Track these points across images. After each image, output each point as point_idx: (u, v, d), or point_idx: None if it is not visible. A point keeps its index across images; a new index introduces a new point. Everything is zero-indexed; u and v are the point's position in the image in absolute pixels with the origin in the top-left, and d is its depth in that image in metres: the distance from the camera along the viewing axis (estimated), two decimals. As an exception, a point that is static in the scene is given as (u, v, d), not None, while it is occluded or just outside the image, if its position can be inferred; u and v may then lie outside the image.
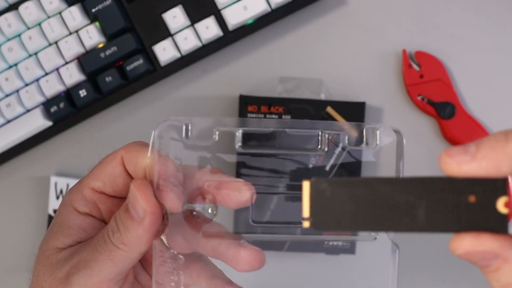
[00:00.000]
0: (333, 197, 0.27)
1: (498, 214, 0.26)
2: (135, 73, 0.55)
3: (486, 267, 0.26)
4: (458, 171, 0.26)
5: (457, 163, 0.26)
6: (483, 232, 0.26)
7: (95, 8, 0.55)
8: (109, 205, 0.38)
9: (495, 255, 0.25)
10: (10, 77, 0.56)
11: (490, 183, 0.26)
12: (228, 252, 0.39)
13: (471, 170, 0.25)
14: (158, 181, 0.36)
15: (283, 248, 0.54)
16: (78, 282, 0.37)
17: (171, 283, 0.38)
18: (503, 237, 0.26)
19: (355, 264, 0.57)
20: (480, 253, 0.26)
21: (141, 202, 0.35)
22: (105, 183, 0.38)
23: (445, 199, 0.26)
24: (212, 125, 0.38)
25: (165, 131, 0.37)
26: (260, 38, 0.58)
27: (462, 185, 0.26)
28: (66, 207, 0.39)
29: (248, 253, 0.39)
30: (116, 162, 0.37)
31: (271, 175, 0.42)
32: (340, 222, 0.27)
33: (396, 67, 0.57)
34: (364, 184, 0.27)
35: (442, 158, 0.26)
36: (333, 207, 0.27)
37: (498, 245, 0.25)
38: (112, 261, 0.36)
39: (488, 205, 0.26)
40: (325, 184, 0.27)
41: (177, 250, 0.38)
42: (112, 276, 0.37)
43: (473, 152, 0.25)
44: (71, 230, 0.38)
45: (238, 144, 0.38)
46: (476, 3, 0.57)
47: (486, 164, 0.25)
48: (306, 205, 0.27)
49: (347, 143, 0.40)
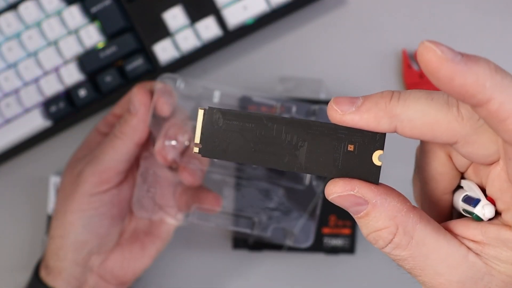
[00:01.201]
0: (224, 127, 0.28)
1: (372, 165, 0.28)
2: (135, 73, 0.55)
3: (357, 212, 0.28)
4: (341, 119, 0.27)
5: (342, 112, 0.27)
6: (356, 179, 0.28)
7: (95, 8, 0.55)
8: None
9: (365, 201, 0.27)
10: (10, 77, 0.56)
11: (369, 135, 0.27)
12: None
13: (353, 120, 0.27)
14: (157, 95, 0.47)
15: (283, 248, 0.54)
16: (87, 171, 0.47)
17: (148, 193, 0.49)
18: (374, 186, 0.28)
19: (355, 264, 0.57)
20: (352, 197, 0.27)
21: (138, 96, 0.47)
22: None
23: (326, 144, 0.28)
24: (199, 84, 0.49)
25: (165, 80, 0.48)
26: (260, 38, 0.58)
27: (343, 133, 0.28)
28: (92, 131, 0.51)
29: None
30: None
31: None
32: (226, 151, 0.28)
33: (396, 67, 0.57)
34: (254, 118, 0.28)
35: (330, 104, 0.27)
36: (223, 137, 0.28)
37: (369, 191, 0.27)
38: (113, 148, 0.47)
39: (365, 156, 0.28)
40: (218, 114, 0.28)
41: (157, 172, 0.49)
42: (113, 164, 0.47)
43: (358, 104, 0.27)
44: (92, 145, 0.50)
45: (215, 100, 0.49)
46: (476, 3, 0.57)
47: (368, 117, 0.27)
48: (198, 132, 0.28)
49: (296, 114, 0.48)
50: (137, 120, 0.47)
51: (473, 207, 0.28)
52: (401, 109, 0.26)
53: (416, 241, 0.27)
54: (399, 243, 0.28)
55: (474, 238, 0.28)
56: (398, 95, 0.26)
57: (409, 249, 0.27)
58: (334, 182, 0.28)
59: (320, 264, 0.57)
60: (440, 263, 0.27)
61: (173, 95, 0.48)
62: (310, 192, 0.50)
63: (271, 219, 0.51)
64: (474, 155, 0.27)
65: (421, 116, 0.26)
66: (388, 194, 0.27)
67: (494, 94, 0.24)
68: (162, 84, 0.47)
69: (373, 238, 0.28)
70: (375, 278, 0.57)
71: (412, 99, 0.26)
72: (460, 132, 0.26)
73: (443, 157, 0.30)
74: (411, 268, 0.28)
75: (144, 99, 0.47)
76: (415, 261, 0.28)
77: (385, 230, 0.27)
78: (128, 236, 0.51)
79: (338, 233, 0.54)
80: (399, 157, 0.45)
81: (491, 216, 0.28)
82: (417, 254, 0.27)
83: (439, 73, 0.24)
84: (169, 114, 0.47)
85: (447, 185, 0.30)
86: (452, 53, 0.24)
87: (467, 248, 0.28)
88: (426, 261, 0.27)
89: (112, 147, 0.47)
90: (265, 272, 0.58)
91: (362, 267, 0.57)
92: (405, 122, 0.26)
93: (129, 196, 0.50)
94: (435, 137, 0.26)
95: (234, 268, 0.57)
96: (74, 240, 0.47)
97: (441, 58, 0.23)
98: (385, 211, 0.27)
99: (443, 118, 0.26)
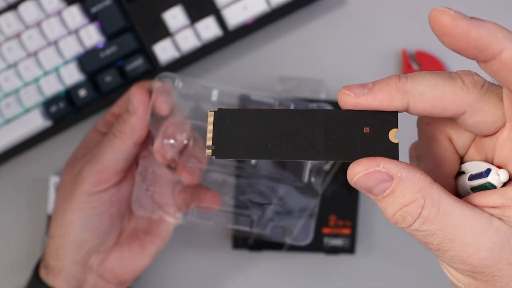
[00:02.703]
0: (236, 127, 0.28)
1: (390, 143, 0.28)
2: (135, 73, 0.55)
3: (382, 191, 0.28)
4: (355, 102, 0.28)
5: (355, 95, 0.28)
6: (377, 157, 0.28)
7: (95, 8, 0.55)
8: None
9: (390, 177, 0.27)
10: (10, 77, 0.56)
11: (382, 116, 0.28)
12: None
13: (367, 101, 0.28)
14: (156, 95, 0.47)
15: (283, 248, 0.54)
16: (86, 171, 0.47)
17: (147, 192, 0.49)
18: (396, 161, 0.28)
19: (355, 264, 0.57)
20: (378, 173, 0.27)
21: (137, 96, 0.47)
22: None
23: (342, 130, 0.28)
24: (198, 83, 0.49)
25: (163, 78, 0.48)
26: (260, 38, 0.58)
27: (358, 118, 0.28)
28: (91, 130, 0.51)
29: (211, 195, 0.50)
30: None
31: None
32: (241, 150, 0.28)
33: (396, 67, 0.57)
34: (265, 114, 0.28)
35: (341, 91, 0.28)
36: (235, 136, 0.28)
37: (394, 165, 0.27)
38: (112, 147, 0.47)
39: (381, 136, 0.28)
40: (227, 115, 0.28)
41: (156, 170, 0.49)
42: (112, 164, 0.47)
43: (369, 87, 0.28)
44: (91, 145, 0.50)
45: (213, 99, 0.49)
46: (476, 3, 0.57)
47: (382, 96, 0.27)
48: (210, 134, 0.28)
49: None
50: (136, 119, 0.47)
51: (485, 177, 0.28)
52: (411, 85, 0.27)
53: (443, 212, 0.27)
54: (428, 216, 0.27)
55: (494, 204, 0.28)
56: (405, 75, 0.28)
57: (437, 222, 0.27)
58: (357, 162, 0.28)
59: (320, 264, 0.57)
60: (467, 232, 0.27)
61: (172, 94, 0.48)
62: (309, 190, 0.50)
63: (270, 217, 0.51)
64: (482, 124, 0.28)
65: (431, 89, 0.27)
66: (411, 168, 0.28)
67: (506, 44, 0.25)
68: (161, 83, 0.48)
69: (400, 216, 0.28)
70: (375, 278, 0.57)
71: (419, 77, 0.28)
72: (467, 101, 0.27)
73: (444, 140, 0.31)
74: (439, 242, 0.28)
75: (142, 98, 0.47)
76: (443, 233, 0.27)
77: (413, 203, 0.27)
78: (128, 235, 0.51)
79: (338, 233, 0.54)
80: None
81: (506, 179, 0.28)
82: (445, 226, 0.27)
83: (455, 30, 0.25)
84: (167, 113, 0.48)
85: (449, 169, 0.31)
86: (463, 14, 0.26)
87: (490, 214, 0.28)
88: (454, 232, 0.27)
89: (111, 146, 0.47)
90: (265, 272, 0.58)
91: (362, 267, 0.57)
92: (417, 97, 0.27)
93: (128, 195, 0.50)
94: (445, 109, 0.27)
95: (234, 268, 0.57)
96: (74, 239, 0.47)
97: (455, 18, 0.26)
98: (411, 184, 0.27)
99: (450, 89, 0.27)
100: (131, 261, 0.50)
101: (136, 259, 0.50)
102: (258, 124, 0.28)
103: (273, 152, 0.28)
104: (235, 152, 0.28)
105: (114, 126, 0.48)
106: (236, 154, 0.28)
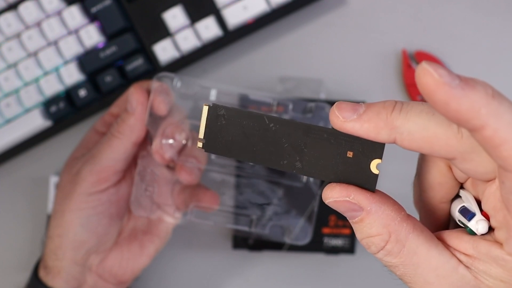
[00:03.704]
0: (228, 124, 0.29)
1: (370, 173, 0.28)
2: (135, 73, 0.55)
3: (352, 217, 0.28)
4: (342, 126, 0.27)
5: (343, 119, 0.27)
6: (352, 186, 0.28)
7: (95, 8, 0.55)
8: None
9: (360, 207, 0.28)
10: (10, 77, 0.56)
11: (369, 144, 0.28)
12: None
13: (353, 128, 0.27)
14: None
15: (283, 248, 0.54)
16: (85, 171, 0.47)
17: (146, 192, 0.49)
18: (369, 193, 0.28)
19: (355, 264, 0.57)
20: (347, 203, 0.28)
21: (136, 96, 0.47)
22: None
23: (326, 148, 0.28)
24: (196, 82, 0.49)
25: (161, 78, 0.48)
26: (260, 38, 0.58)
27: (344, 140, 0.28)
28: (90, 130, 0.51)
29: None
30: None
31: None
32: (228, 148, 0.29)
33: (396, 67, 0.57)
34: (257, 118, 0.28)
35: (332, 110, 0.27)
36: (226, 134, 0.29)
37: (364, 198, 0.28)
38: (111, 147, 0.47)
39: (363, 163, 0.28)
40: (222, 111, 0.29)
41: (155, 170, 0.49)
42: (111, 164, 0.47)
43: (360, 113, 0.27)
44: (89, 145, 0.50)
45: (212, 98, 0.49)
46: (476, 3, 0.57)
47: (368, 127, 0.27)
48: (202, 127, 0.29)
49: (293, 112, 0.49)
50: (134, 119, 0.47)
51: (468, 220, 0.29)
52: (402, 122, 0.26)
53: (407, 249, 0.28)
54: (391, 250, 0.28)
55: (466, 251, 0.28)
56: (400, 107, 0.26)
57: (400, 257, 0.28)
58: (331, 187, 0.28)
59: (320, 264, 0.57)
60: (430, 272, 0.28)
61: (170, 94, 0.48)
62: (307, 191, 0.50)
63: (269, 217, 0.51)
64: (471, 172, 0.27)
65: (421, 130, 0.26)
66: (383, 202, 0.28)
67: (489, 120, 0.23)
68: (159, 83, 0.47)
69: (366, 243, 0.29)
70: (375, 278, 0.57)
71: (414, 112, 0.26)
72: (458, 149, 0.26)
73: (443, 167, 0.30)
74: (401, 274, 0.29)
75: (141, 98, 0.47)
76: (405, 268, 0.28)
77: (378, 237, 0.28)
78: (127, 235, 0.51)
79: (338, 233, 0.54)
80: (398, 153, 0.45)
81: (484, 232, 0.28)
82: (408, 262, 0.28)
83: (435, 97, 0.24)
84: (166, 113, 0.47)
85: (445, 194, 0.31)
86: (450, 77, 0.23)
87: (458, 260, 0.28)
88: (417, 269, 0.28)
89: (109, 146, 0.47)
90: (265, 272, 0.58)
91: (362, 267, 0.57)
92: (405, 135, 0.26)
93: (127, 195, 0.50)
94: (433, 152, 0.26)
95: (234, 268, 0.57)
96: (73, 239, 0.47)
97: (437, 82, 0.23)
98: (379, 219, 0.28)
99: (442, 134, 0.26)
100: (130, 261, 0.50)
101: (135, 259, 0.50)
102: (249, 126, 0.28)
103: (257, 156, 0.28)
104: (222, 149, 0.29)
105: (112, 126, 0.48)
106: (223, 151, 0.29)
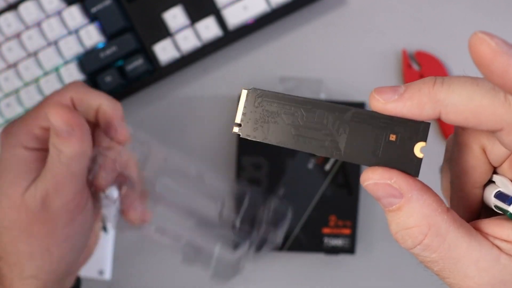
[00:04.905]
0: (266, 109, 0.28)
1: (413, 157, 0.27)
2: (135, 73, 0.55)
3: (389, 205, 0.27)
4: (384, 108, 0.26)
5: (384, 100, 0.26)
6: (395, 169, 0.26)
7: (95, 8, 0.55)
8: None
9: (400, 194, 0.26)
10: (10, 77, 0.56)
11: (412, 126, 0.27)
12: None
13: (396, 108, 0.26)
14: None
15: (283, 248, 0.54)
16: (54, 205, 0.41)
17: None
18: (412, 179, 0.26)
19: (355, 264, 0.57)
20: (387, 187, 0.26)
21: (62, 117, 0.39)
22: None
23: (368, 132, 0.27)
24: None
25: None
26: (260, 38, 0.58)
27: (386, 123, 0.27)
28: (15, 148, 0.42)
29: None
30: (65, 102, 0.42)
31: None
32: (266, 134, 0.28)
33: (396, 67, 0.57)
34: (296, 102, 0.28)
35: (372, 94, 0.26)
36: (264, 119, 0.28)
37: (406, 184, 0.26)
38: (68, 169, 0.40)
39: (407, 147, 0.27)
40: (261, 95, 0.28)
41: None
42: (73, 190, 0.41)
43: (400, 92, 0.26)
44: (27, 168, 0.42)
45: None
46: (476, 3, 0.57)
47: (411, 104, 0.26)
48: (240, 112, 0.28)
49: None
50: (73, 146, 0.40)
51: (507, 204, 0.27)
52: (446, 94, 0.25)
53: (448, 244, 0.26)
54: (430, 245, 0.26)
55: (507, 238, 0.26)
56: (441, 80, 0.26)
57: (440, 251, 0.26)
58: (373, 169, 0.27)
59: (320, 264, 0.57)
60: (470, 266, 0.26)
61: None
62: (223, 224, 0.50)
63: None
64: None
65: (467, 101, 0.25)
66: (425, 191, 0.26)
67: None
68: (78, 83, 0.44)
69: (401, 236, 0.27)
70: (375, 278, 0.57)
71: (457, 84, 0.25)
72: (506, 119, 0.25)
73: (477, 150, 0.29)
74: (439, 270, 0.27)
75: (69, 117, 0.40)
76: (445, 263, 0.26)
77: (416, 228, 0.26)
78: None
79: (338, 233, 0.54)
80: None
81: None
82: (448, 257, 0.26)
83: (493, 66, 0.23)
84: (124, 140, 0.44)
85: (478, 179, 0.29)
86: (506, 46, 0.23)
87: (499, 249, 0.27)
88: (457, 264, 0.26)
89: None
90: (265, 272, 0.58)
91: (362, 267, 0.57)
92: (450, 107, 0.25)
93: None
94: (480, 123, 0.25)
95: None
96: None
97: (495, 51, 0.23)
98: (419, 208, 0.26)
99: (489, 103, 0.25)
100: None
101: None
102: (287, 111, 0.27)
103: (296, 142, 0.27)
104: (259, 134, 0.28)
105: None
106: (259, 136, 0.28)
